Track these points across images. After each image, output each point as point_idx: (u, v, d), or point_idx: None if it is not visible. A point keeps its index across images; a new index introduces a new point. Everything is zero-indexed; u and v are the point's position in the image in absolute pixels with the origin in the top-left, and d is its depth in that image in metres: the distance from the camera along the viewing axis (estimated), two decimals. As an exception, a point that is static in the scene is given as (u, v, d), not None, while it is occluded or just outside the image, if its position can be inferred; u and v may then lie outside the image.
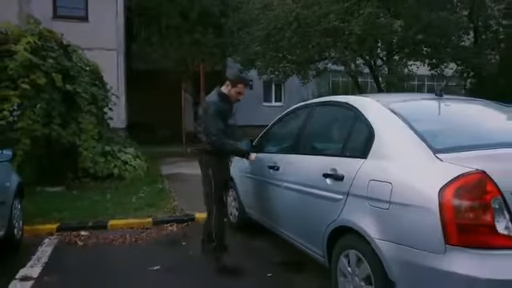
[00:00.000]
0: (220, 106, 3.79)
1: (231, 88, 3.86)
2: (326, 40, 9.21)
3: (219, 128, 3.69)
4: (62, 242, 4.73)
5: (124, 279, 3.64)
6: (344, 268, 2.74)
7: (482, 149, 2.31)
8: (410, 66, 9.76)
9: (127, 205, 6.09)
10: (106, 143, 8.36)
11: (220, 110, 3.76)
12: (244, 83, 3.95)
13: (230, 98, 3.91)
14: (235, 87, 3.86)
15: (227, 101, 3.90)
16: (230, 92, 3.87)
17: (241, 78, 4.01)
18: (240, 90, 3.88)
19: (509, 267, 1.95)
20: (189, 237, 4.86)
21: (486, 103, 3.22)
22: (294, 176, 3.44)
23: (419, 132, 2.46)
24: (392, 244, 2.31)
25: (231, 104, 3.97)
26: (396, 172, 2.39)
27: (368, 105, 2.88)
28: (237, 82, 3.88)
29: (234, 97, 3.91)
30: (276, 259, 4.00)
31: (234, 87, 3.86)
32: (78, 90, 6.90)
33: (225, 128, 3.77)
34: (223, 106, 3.82)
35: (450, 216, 2.03)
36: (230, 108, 3.95)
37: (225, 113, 3.83)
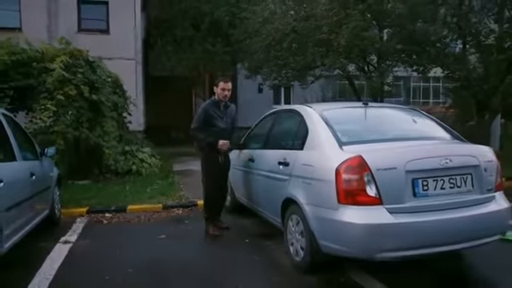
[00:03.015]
0: (207, 109, 4.71)
1: (216, 89, 4.71)
2: (319, 49, 10.29)
3: (198, 126, 4.68)
4: (91, 221, 5.98)
5: (138, 243, 4.87)
6: (290, 228, 3.89)
7: (371, 142, 3.44)
8: (395, 71, 10.74)
9: (143, 194, 7.31)
10: (125, 144, 9.70)
11: (206, 112, 4.68)
12: (223, 80, 4.72)
13: (220, 99, 4.71)
14: (217, 87, 4.67)
15: (217, 105, 4.74)
16: (218, 94, 4.68)
17: (220, 76, 4.95)
18: (223, 87, 4.66)
19: (374, 215, 3.06)
20: (191, 217, 6.07)
21: (397, 108, 4.34)
22: (262, 165, 4.62)
23: (334, 131, 3.59)
24: (311, 206, 3.46)
25: (221, 107, 4.76)
26: (316, 158, 3.54)
27: (307, 112, 4.02)
28: (218, 81, 4.72)
29: (221, 95, 4.69)
30: (255, 232, 5.15)
31: (216, 87, 4.68)
32: (102, 99, 8.21)
33: (207, 127, 4.69)
34: (211, 109, 4.69)
35: (340, 185, 3.16)
36: (219, 111, 4.73)
37: (210, 115, 4.69)
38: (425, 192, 3.19)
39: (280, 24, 10.59)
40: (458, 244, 3.30)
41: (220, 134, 4.72)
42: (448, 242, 3.22)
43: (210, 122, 4.72)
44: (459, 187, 3.30)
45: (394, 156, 3.21)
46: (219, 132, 4.73)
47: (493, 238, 3.50)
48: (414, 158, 3.19)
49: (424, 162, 3.19)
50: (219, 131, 4.73)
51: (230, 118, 4.90)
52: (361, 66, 11.51)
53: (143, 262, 4.17)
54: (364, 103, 4.17)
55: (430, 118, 4.20)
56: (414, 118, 4.12)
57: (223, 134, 4.74)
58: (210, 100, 4.83)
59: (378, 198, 3.08)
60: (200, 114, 4.74)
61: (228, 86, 4.68)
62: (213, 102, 4.79)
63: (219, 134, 4.71)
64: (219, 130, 4.74)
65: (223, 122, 4.79)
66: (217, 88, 4.69)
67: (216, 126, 4.74)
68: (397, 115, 4.25)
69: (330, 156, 3.38)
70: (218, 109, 4.75)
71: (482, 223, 3.36)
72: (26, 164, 4.47)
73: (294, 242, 3.83)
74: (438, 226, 3.15)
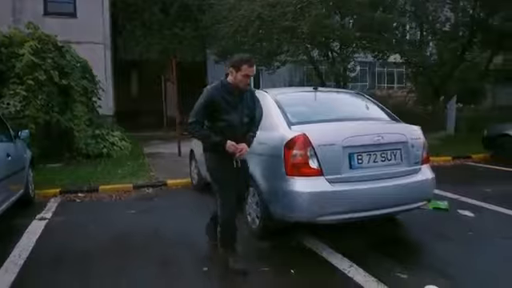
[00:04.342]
0: (213, 96, 3.35)
1: (236, 73, 3.31)
2: (284, 36, 10.75)
3: (198, 119, 3.36)
4: (65, 200, 6.31)
5: (109, 218, 5.29)
6: (248, 199, 4.36)
7: (316, 123, 3.94)
8: (356, 57, 11.34)
9: (114, 175, 7.65)
10: (96, 128, 9.94)
11: (211, 100, 3.34)
12: (248, 63, 3.32)
13: (238, 86, 3.36)
14: (240, 70, 3.29)
15: (230, 91, 3.37)
16: (236, 79, 3.32)
17: (243, 58, 3.37)
18: (246, 72, 3.30)
19: (316, 184, 3.58)
20: (160, 196, 6.49)
21: (343, 92, 4.88)
22: (224, 144, 5.05)
23: (285, 113, 4.08)
24: (265, 179, 3.96)
25: (236, 94, 3.40)
26: (269, 137, 4.02)
27: (262, 95, 4.46)
28: (239, 63, 3.31)
29: (243, 82, 3.34)
30: (219, 205, 5.63)
31: (238, 71, 3.29)
32: (72, 83, 8.43)
33: (213, 121, 3.39)
34: (219, 96, 3.34)
35: (288, 159, 3.66)
36: (231, 98, 3.38)
37: (218, 105, 3.34)
38: (359, 164, 3.73)
39: (246, 11, 10.95)
40: (388, 208, 3.89)
41: (231, 130, 3.39)
42: (379, 206, 3.79)
43: (217, 115, 3.37)
44: (389, 160, 3.86)
45: (333, 134, 3.73)
46: (230, 128, 3.39)
47: (419, 203, 4.10)
48: (351, 135, 3.72)
49: (359, 139, 3.73)
50: (230, 127, 3.39)
51: (246, 107, 3.50)
52: (324, 52, 12.06)
53: (114, 233, 4.60)
54: (314, 88, 4.66)
55: (372, 101, 4.75)
56: (357, 101, 4.66)
57: (236, 132, 3.41)
58: (218, 83, 3.45)
59: (319, 169, 3.60)
60: (202, 102, 3.37)
61: (253, 72, 3.37)
62: (222, 85, 3.41)
63: (230, 132, 3.38)
64: (230, 125, 3.39)
65: (237, 113, 3.42)
66: (236, 72, 3.32)
67: (225, 121, 3.38)
68: (341, 99, 4.78)
69: (280, 135, 3.86)
70: (231, 95, 3.39)
71: (409, 191, 3.95)
72: (3, 145, 4.77)
73: (251, 212, 4.32)
74: (370, 193, 3.70)
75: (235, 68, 3.33)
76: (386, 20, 10.52)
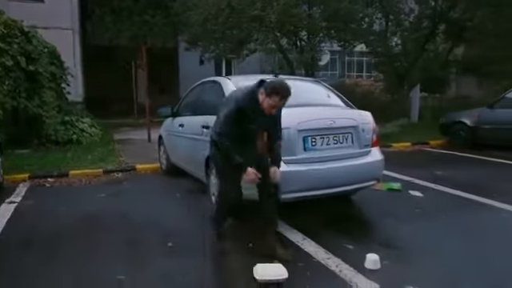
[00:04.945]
0: (243, 106, 3.23)
1: (265, 97, 3.17)
2: (253, 24, 10.94)
3: (226, 130, 3.26)
4: (34, 185, 6.40)
5: (79, 201, 5.45)
6: (211, 181, 4.64)
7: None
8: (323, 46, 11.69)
9: (84, 161, 7.74)
10: (65, 114, 9.94)
11: (242, 110, 3.22)
12: (280, 96, 3.15)
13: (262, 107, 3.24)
14: (269, 98, 3.15)
15: (257, 105, 3.24)
16: (264, 102, 3.20)
17: (279, 90, 3.15)
18: (274, 104, 3.17)
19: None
20: (129, 180, 6.67)
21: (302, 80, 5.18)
22: (190, 129, 5.31)
23: (246, 99, 4.32)
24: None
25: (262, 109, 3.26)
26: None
27: (225, 82, 4.73)
28: (272, 92, 3.14)
29: (267, 109, 3.23)
30: (185, 188, 5.87)
31: (267, 97, 3.16)
32: (40, 69, 8.41)
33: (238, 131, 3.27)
34: (248, 106, 3.22)
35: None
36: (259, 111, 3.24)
37: (245, 114, 3.23)
38: (313, 147, 4.05)
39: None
40: (341, 187, 4.23)
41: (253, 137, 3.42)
42: (332, 185, 4.13)
43: (243, 123, 3.26)
44: (341, 143, 4.19)
45: (289, 118, 3.98)
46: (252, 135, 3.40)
47: (369, 183, 4.47)
48: (305, 120, 4.02)
49: (312, 123, 4.04)
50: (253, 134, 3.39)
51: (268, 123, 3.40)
52: (293, 41, 12.33)
53: (84, 215, 4.79)
54: (274, 75, 4.92)
55: (328, 89, 5.06)
56: (314, 88, 4.97)
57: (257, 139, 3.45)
58: (248, 94, 3.29)
59: (276, 151, 3.88)
60: (232, 114, 3.24)
61: (281, 105, 3.26)
62: (252, 98, 3.27)
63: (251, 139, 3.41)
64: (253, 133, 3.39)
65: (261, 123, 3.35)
66: (266, 96, 3.18)
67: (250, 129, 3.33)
68: (300, 86, 5.04)
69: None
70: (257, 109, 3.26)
71: (360, 171, 4.30)
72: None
73: (215, 192, 4.58)
74: (323, 173, 4.03)
75: (267, 93, 3.17)
76: (352, 10, 10.86)
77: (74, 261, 3.55)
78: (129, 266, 3.37)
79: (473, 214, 4.76)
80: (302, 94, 4.74)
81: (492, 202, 5.04)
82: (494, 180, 6.26)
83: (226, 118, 3.28)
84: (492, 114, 8.97)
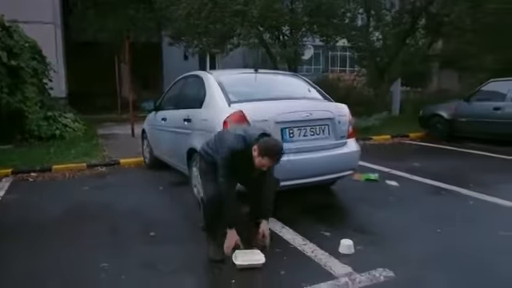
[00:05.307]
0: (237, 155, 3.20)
1: (259, 156, 3.12)
2: (235, 19, 11.02)
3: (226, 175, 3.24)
4: (17, 180, 6.42)
5: (63, 194, 5.51)
6: (193, 173, 4.75)
7: (253, 101, 4.35)
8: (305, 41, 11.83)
9: (67, 155, 7.76)
10: (47, 109, 9.91)
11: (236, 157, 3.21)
12: (273, 159, 3.15)
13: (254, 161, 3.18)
14: (261, 157, 3.12)
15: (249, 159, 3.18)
16: (257, 160, 3.15)
17: (270, 151, 3.12)
18: (265, 164, 3.15)
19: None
20: (112, 173, 6.73)
21: (281, 74, 5.31)
22: (172, 123, 5.41)
23: (226, 92, 4.45)
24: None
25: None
26: (210, 114, 4.40)
27: (207, 76, 4.84)
28: (267, 153, 3.11)
29: (258, 166, 3.19)
30: (168, 181, 5.98)
31: (259, 156, 3.12)
32: (22, 64, 8.37)
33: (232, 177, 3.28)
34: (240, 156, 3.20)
35: (226, 134, 4.04)
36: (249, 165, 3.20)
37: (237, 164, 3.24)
38: (291, 138, 4.19)
39: (198, -7, 11.10)
40: (318, 177, 4.38)
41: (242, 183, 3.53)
42: (309, 175, 4.28)
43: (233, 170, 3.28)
44: (318, 135, 4.35)
45: (267, 111, 4.15)
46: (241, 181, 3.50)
47: (345, 172, 4.64)
48: (282, 112, 4.16)
49: (290, 116, 4.18)
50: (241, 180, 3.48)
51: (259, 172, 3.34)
52: (276, 36, 12.45)
53: (68, 207, 4.87)
54: (254, 70, 5.05)
55: (307, 82, 5.21)
56: (293, 82, 5.12)
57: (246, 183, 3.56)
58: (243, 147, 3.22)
59: (255, 143, 4.02)
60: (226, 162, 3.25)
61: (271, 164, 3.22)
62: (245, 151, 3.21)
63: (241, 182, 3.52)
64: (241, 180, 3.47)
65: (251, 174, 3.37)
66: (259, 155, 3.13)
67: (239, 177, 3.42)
68: (279, 80, 5.22)
69: (220, 112, 4.24)
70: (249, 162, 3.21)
71: (336, 161, 4.46)
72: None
73: (197, 184, 4.71)
74: (301, 163, 4.18)
75: (261, 153, 3.12)
76: (333, 5, 11.02)
77: (58, 250, 3.64)
78: (112, 255, 3.48)
79: (444, 201, 4.98)
80: (281, 88, 4.91)
81: (462, 191, 5.27)
82: (467, 170, 6.51)
83: (223, 165, 3.26)
84: (468, 107, 9.25)
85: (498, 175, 6.21)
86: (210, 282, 3.08)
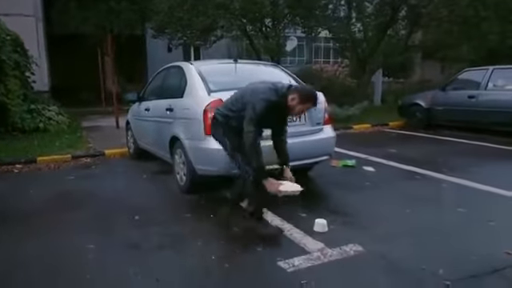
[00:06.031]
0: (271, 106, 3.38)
1: (298, 103, 3.35)
2: (218, 12, 11.13)
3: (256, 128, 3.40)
4: (2, 171, 6.48)
5: (49, 183, 5.64)
6: (176, 160, 4.92)
7: (231, 90, 4.44)
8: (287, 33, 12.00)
9: (52, 147, 7.81)
10: (31, 102, 9.91)
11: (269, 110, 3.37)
12: (312, 103, 3.44)
13: (289, 110, 3.45)
14: (302, 104, 3.37)
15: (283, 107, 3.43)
16: (295, 107, 3.38)
17: (311, 97, 3.41)
18: (305, 109, 3.49)
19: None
20: (97, 164, 6.85)
21: (260, 64, 5.50)
22: (155, 112, 5.56)
23: (206, 82, 4.63)
24: (188, 140, 4.53)
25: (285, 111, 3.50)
26: (191, 103, 4.57)
27: (188, 67, 5.00)
28: (308, 99, 3.37)
29: (297, 112, 3.49)
30: (152, 170, 6.13)
31: (300, 103, 3.36)
32: (3, 57, 8.38)
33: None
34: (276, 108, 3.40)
35: (206, 121, 4.23)
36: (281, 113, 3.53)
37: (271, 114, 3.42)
38: (268, 125, 4.38)
39: (181, -14, 11.18)
40: (296, 161, 4.53)
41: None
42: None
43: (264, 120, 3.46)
44: (295, 121, 4.54)
45: (245, 99, 4.33)
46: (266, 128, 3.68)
47: (322, 157, 4.86)
48: (260, 100, 4.35)
49: (267, 103, 4.36)
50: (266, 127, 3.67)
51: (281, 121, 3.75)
52: (259, 28, 12.59)
53: (54, 194, 5.02)
54: (234, 60, 5.22)
55: (285, 72, 5.40)
56: (271, 71, 5.31)
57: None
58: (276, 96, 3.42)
59: (234, 129, 4.21)
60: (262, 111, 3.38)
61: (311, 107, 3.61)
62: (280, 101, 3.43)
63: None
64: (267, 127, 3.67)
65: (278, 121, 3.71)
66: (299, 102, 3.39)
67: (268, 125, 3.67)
68: (258, 70, 5.41)
69: (201, 100, 4.42)
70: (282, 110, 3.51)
71: (313, 147, 4.68)
72: None
73: (179, 171, 4.89)
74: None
75: (301, 100, 3.34)
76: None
77: (45, 233, 3.79)
78: (98, 237, 3.64)
79: (416, 185, 5.25)
80: (260, 77, 5.00)
81: (435, 174, 5.54)
82: (441, 156, 6.80)
83: (255, 116, 3.37)
84: (444, 95, 9.56)
85: (470, 160, 6.52)
86: (190, 258, 3.26)
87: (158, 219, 4.07)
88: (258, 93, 3.43)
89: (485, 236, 3.57)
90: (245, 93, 3.60)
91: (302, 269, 3.01)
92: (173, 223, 3.96)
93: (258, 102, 3.36)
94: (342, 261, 3.15)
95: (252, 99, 3.42)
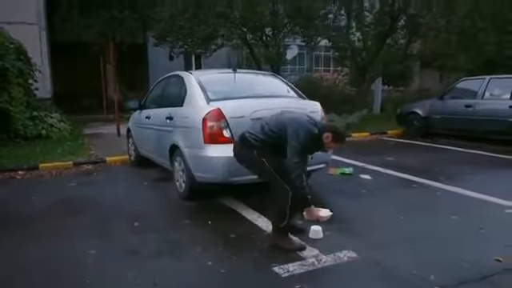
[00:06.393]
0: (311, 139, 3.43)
1: (330, 141, 3.47)
2: (218, 21, 11.29)
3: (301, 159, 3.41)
4: (4, 178, 6.59)
5: (51, 190, 5.73)
6: (176, 167, 5.02)
7: (230, 99, 4.64)
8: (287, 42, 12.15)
9: (54, 154, 7.93)
10: (33, 109, 10.04)
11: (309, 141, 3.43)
12: (342, 143, 3.59)
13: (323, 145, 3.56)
14: (334, 143, 3.51)
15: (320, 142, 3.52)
16: (328, 143, 3.51)
17: (342, 137, 3.58)
18: (334, 147, 3.70)
19: (229, 150, 4.26)
20: (99, 171, 6.95)
21: (259, 74, 5.64)
22: (156, 120, 5.67)
23: (205, 91, 4.74)
24: (188, 148, 4.63)
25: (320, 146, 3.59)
26: (191, 112, 4.68)
27: (187, 76, 5.12)
28: (339, 139, 3.51)
29: (328, 148, 3.71)
30: (153, 177, 6.24)
31: (333, 142, 3.49)
32: (7, 65, 8.52)
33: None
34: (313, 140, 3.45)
35: (205, 130, 4.34)
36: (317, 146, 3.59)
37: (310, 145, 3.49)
38: (266, 134, 4.49)
39: (181, -5, 11.35)
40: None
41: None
42: (283, 168, 4.57)
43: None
44: (291, 130, 4.64)
45: (243, 108, 4.44)
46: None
47: (318, 166, 4.95)
48: (257, 109, 4.44)
49: (264, 113, 4.42)
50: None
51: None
52: (259, 37, 12.75)
53: (56, 200, 5.12)
54: (233, 70, 5.34)
55: (283, 81, 5.52)
56: (269, 81, 5.43)
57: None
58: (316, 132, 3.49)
59: (232, 138, 4.31)
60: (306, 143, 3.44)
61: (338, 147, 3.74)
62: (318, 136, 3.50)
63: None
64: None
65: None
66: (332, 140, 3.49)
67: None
68: (256, 79, 5.53)
69: (200, 109, 4.52)
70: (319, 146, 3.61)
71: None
72: None
73: (179, 178, 4.99)
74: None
75: (334, 138, 3.46)
76: (312, 9, 11.35)
77: (47, 238, 3.88)
78: (98, 242, 3.73)
79: (413, 192, 5.33)
80: (258, 87, 5.23)
81: (431, 183, 5.63)
82: (438, 164, 6.88)
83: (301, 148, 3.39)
84: (442, 104, 9.66)
85: (466, 168, 6.59)
86: (188, 264, 3.35)
87: (157, 225, 4.16)
88: (300, 123, 3.47)
89: (475, 243, 3.65)
90: (283, 120, 3.57)
91: (297, 274, 3.09)
92: (171, 229, 4.05)
93: (302, 133, 3.40)
94: (335, 267, 3.23)
95: (294, 128, 3.42)
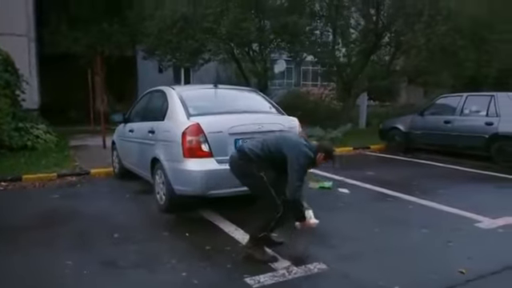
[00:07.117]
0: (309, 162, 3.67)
1: (322, 158, 3.73)
2: (205, 36, 11.50)
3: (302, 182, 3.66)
4: (-13, 189, 6.65)
5: (33, 201, 5.79)
6: (156, 180, 5.13)
7: (210, 115, 4.79)
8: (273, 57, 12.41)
9: (38, 166, 7.95)
10: (19, 121, 10.07)
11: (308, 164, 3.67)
12: (331, 159, 3.82)
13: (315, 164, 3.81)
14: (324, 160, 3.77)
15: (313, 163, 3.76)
16: (319, 160, 3.74)
17: (333, 155, 3.83)
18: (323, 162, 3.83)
19: (207, 164, 4.42)
20: (82, 183, 7.01)
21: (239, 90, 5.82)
22: (138, 134, 5.80)
23: (186, 107, 4.88)
24: (168, 161, 4.75)
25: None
26: (171, 126, 4.81)
27: (169, 91, 5.26)
28: (329, 156, 3.76)
29: (318, 164, 3.83)
30: (135, 189, 6.32)
31: (324, 159, 3.76)
32: (-7, 77, 8.61)
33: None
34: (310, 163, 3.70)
35: (185, 144, 4.47)
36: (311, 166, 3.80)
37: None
38: (243, 148, 4.63)
39: (169, 10, 11.54)
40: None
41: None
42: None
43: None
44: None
45: (221, 123, 4.59)
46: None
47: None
48: (235, 124, 4.61)
49: (242, 128, 4.63)
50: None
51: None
52: (246, 52, 12.98)
53: (38, 212, 5.18)
54: (214, 85, 5.50)
55: (263, 97, 5.70)
56: (250, 97, 5.61)
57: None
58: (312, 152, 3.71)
59: (210, 152, 4.46)
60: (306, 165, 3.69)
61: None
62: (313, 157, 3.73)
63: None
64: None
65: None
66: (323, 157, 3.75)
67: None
68: (236, 95, 5.69)
69: (180, 124, 4.66)
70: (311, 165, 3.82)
71: (287, 170, 4.91)
72: None
73: (159, 191, 5.09)
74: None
75: (325, 157, 3.73)
76: (298, 25, 11.62)
77: (25, 249, 3.95)
78: (76, 253, 3.82)
79: (387, 206, 5.50)
80: (238, 102, 5.39)
81: (406, 197, 5.81)
82: (415, 179, 7.08)
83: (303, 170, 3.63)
84: (422, 120, 9.91)
85: (443, 183, 6.78)
86: (162, 275, 3.44)
87: (136, 237, 4.26)
88: (299, 150, 3.63)
89: (442, 256, 3.81)
90: (278, 140, 3.80)
91: (267, 285, 3.22)
92: (150, 241, 4.15)
93: (302, 158, 3.59)
94: (305, 278, 3.36)
95: (295, 155, 3.59)
